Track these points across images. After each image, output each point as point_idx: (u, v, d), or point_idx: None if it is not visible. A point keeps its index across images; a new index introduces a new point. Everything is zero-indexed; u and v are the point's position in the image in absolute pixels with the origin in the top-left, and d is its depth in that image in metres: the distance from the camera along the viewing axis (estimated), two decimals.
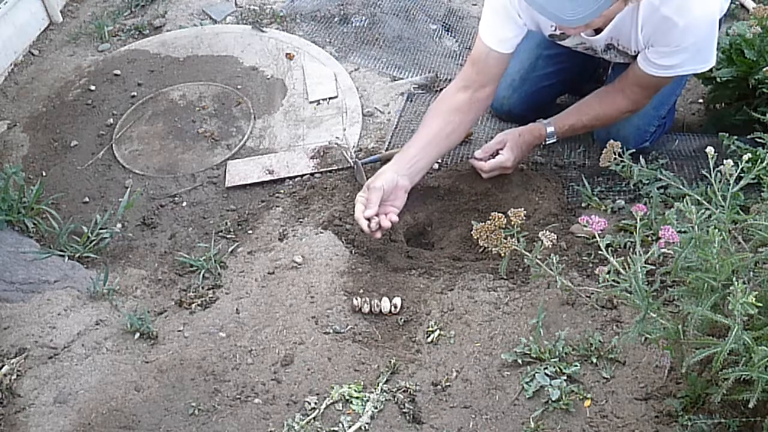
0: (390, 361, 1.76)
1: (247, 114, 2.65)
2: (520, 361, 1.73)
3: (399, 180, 2.00)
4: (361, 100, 2.65)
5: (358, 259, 2.03)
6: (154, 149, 2.53)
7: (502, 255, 1.52)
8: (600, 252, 1.42)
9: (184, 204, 2.33)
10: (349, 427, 1.64)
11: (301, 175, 2.37)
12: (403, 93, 2.67)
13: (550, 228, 1.69)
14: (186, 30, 3.05)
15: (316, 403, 1.70)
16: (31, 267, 2.07)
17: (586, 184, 2.17)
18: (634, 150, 1.90)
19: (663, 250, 1.33)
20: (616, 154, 1.80)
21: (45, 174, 2.44)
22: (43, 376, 1.81)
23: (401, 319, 1.88)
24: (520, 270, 1.96)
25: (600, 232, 1.37)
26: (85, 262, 2.13)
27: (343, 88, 2.69)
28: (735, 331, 1.22)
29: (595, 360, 1.71)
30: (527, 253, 1.50)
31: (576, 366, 1.68)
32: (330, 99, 2.65)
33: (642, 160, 1.88)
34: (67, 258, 2.11)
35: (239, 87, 2.74)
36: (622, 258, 1.38)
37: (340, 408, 1.69)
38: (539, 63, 2.34)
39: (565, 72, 2.37)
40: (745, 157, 1.49)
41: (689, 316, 1.32)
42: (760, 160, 1.58)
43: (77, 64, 2.92)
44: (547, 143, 2.19)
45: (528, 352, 1.73)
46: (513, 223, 1.53)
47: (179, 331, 1.90)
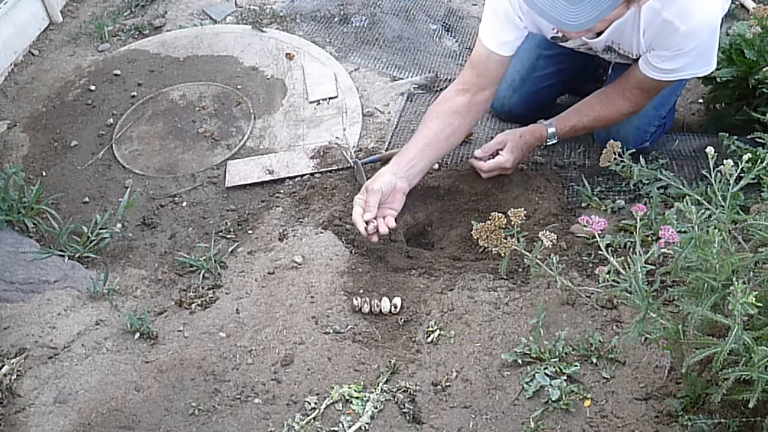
0: (390, 361, 1.76)
1: (247, 114, 2.65)
2: (520, 361, 1.73)
3: (397, 182, 1.99)
4: (361, 100, 2.65)
5: (358, 259, 2.03)
6: (154, 149, 2.53)
7: (502, 255, 1.52)
8: (600, 252, 1.42)
9: (184, 204, 2.33)
10: (349, 427, 1.64)
11: (301, 175, 2.37)
12: (403, 93, 2.67)
13: (550, 228, 1.69)
14: (186, 30, 3.05)
15: (316, 403, 1.70)
16: (31, 267, 2.07)
17: (586, 184, 2.17)
18: (634, 150, 1.90)
19: (663, 250, 1.33)
20: (616, 154, 1.80)
21: (45, 174, 2.44)
22: (43, 376, 1.81)
23: (401, 319, 1.88)
24: (520, 270, 1.96)
25: (600, 232, 1.37)
26: (85, 262, 2.13)
27: (343, 88, 2.69)
28: (735, 331, 1.22)
29: (595, 360, 1.71)
30: (527, 253, 1.50)
31: (576, 366, 1.68)
32: (330, 99, 2.65)
33: (642, 160, 1.88)
34: (67, 258, 2.11)
35: (239, 87, 2.74)
36: (622, 258, 1.37)
37: (340, 408, 1.69)
38: (539, 63, 2.34)
39: (565, 72, 2.37)
40: (745, 157, 1.49)
41: (689, 316, 1.32)
42: (760, 160, 1.58)
43: (77, 64, 2.92)
44: (548, 144, 2.19)
45: (528, 352, 1.73)
46: (513, 223, 1.53)
47: (179, 331, 1.90)
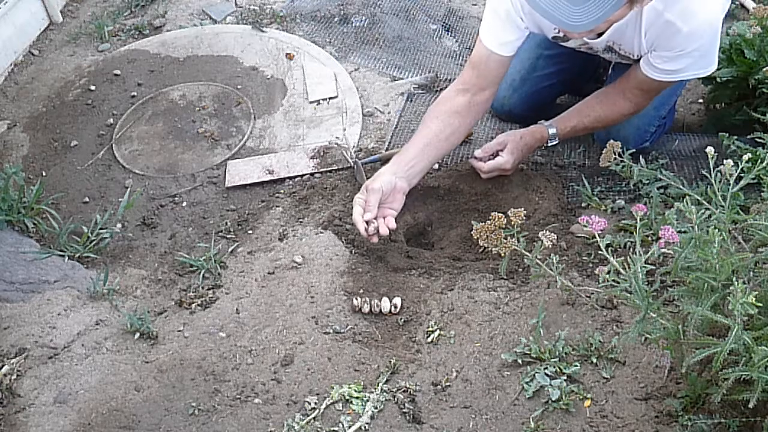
0: (390, 361, 1.76)
1: (247, 114, 2.65)
2: (520, 361, 1.73)
3: (397, 182, 1.99)
4: (361, 100, 2.65)
5: (358, 259, 2.03)
6: (154, 149, 2.53)
7: (502, 255, 1.52)
8: (600, 252, 1.42)
9: (184, 204, 2.33)
10: (349, 427, 1.64)
11: (301, 175, 2.37)
12: (403, 93, 2.67)
13: (550, 228, 1.69)
14: (186, 30, 3.05)
15: (316, 403, 1.70)
16: (31, 267, 2.07)
17: (586, 184, 2.17)
18: (634, 150, 1.90)
19: (663, 250, 1.33)
20: (616, 154, 1.80)
21: (45, 174, 2.44)
22: (43, 376, 1.81)
23: (401, 319, 1.88)
24: (520, 270, 1.96)
25: (600, 232, 1.37)
26: (85, 262, 2.13)
27: (343, 88, 2.69)
28: (735, 331, 1.22)
29: (595, 360, 1.71)
30: (527, 253, 1.50)
31: (576, 366, 1.68)
32: (330, 99, 2.65)
33: (642, 160, 1.88)
34: (67, 258, 2.11)
35: (239, 87, 2.74)
36: (622, 258, 1.37)
37: (340, 408, 1.69)
38: (540, 63, 2.34)
39: (565, 72, 2.37)
40: (745, 157, 1.49)
41: (689, 316, 1.32)
42: (760, 160, 1.58)
43: (77, 64, 2.92)
44: (549, 145, 2.18)
45: (528, 352, 1.73)
46: (513, 223, 1.53)
47: (179, 331, 1.90)
